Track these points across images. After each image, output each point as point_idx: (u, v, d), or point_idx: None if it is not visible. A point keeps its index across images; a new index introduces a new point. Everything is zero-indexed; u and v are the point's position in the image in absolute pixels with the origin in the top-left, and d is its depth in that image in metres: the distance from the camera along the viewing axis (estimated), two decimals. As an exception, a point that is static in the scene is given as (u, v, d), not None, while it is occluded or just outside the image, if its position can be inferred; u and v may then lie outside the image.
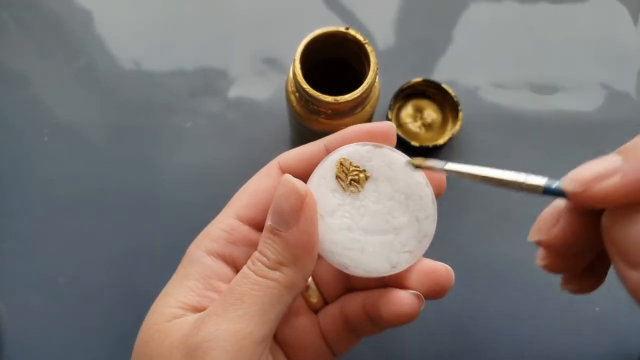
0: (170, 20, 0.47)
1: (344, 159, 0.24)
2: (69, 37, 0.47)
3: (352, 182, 0.24)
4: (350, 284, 0.27)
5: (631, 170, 0.16)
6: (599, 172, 0.17)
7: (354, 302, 0.26)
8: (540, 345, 0.40)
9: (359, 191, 0.24)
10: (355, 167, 0.24)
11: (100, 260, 0.42)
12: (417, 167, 0.24)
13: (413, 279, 0.24)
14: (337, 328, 0.27)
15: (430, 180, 0.24)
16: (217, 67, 0.46)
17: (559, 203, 0.20)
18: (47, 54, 0.47)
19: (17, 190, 0.43)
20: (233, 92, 0.46)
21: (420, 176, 0.24)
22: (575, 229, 0.19)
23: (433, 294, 0.24)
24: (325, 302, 0.28)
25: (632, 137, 0.41)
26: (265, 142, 0.44)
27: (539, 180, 0.19)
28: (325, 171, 0.24)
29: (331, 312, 0.27)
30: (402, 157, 0.24)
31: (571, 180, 0.17)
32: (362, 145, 0.24)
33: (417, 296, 0.24)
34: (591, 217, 0.18)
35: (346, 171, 0.24)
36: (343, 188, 0.24)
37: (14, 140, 0.44)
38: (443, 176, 0.25)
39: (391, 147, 0.24)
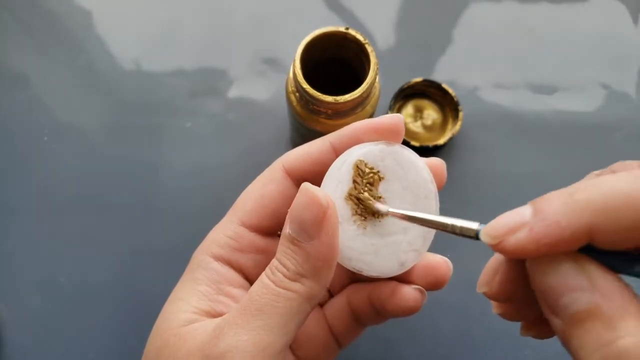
0: (170, 20, 0.47)
1: (360, 161, 0.24)
2: (69, 37, 0.47)
3: (368, 185, 0.24)
4: (354, 276, 0.27)
5: (537, 224, 0.17)
6: (510, 225, 0.17)
7: (360, 294, 0.26)
8: (541, 345, 0.40)
9: (373, 194, 0.24)
10: (370, 169, 0.24)
11: (100, 260, 0.42)
12: (364, 207, 0.24)
13: (415, 272, 0.25)
14: (344, 319, 0.27)
15: (433, 173, 0.24)
16: (217, 67, 0.46)
17: (498, 254, 0.20)
18: (47, 54, 0.47)
19: (17, 190, 0.43)
20: (233, 92, 0.46)
21: (426, 173, 0.24)
22: (512, 280, 0.20)
23: (434, 286, 0.25)
24: (330, 294, 0.28)
25: (632, 137, 0.41)
26: (266, 142, 0.44)
27: (472, 226, 0.19)
28: (343, 175, 0.24)
29: (337, 304, 0.27)
30: (412, 155, 0.24)
31: (485, 232, 0.18)
32: (376, 145, 0.24)
33: (421, 291, 0.25)
34: (525, 267, 0.19)
35: (362, 174, 0.24)
36: (359, 192, 0.24)
37: (14, 140, 0.44)
38: (444, 172, 0.25)
39: (402, 145, 0.24)
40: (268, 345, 0.21)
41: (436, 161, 0.25)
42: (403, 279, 0.25)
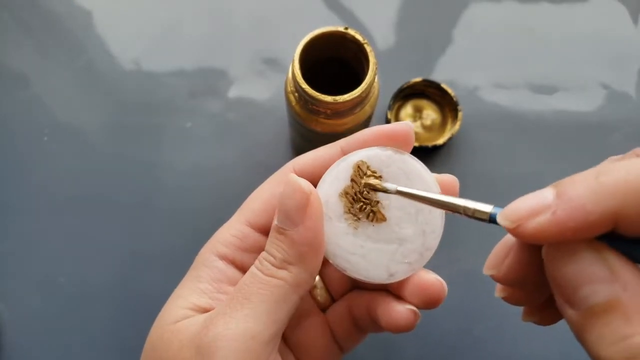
0: (170, 20, 0.47)
1: (362, 162, 0.24)
2: (69, 37, 0.47)
3: (367, 186, 0.24)
4: (355, 282, 0.27)
5: (562, 208, 0.16)
6: (531, 208, 0.16)
7: (360, 302, 0.26)
8: (541, 345, 0.40)
9: (371, 198, 0.24)
10: (372, 172, 0.23)
11: (101, 261, 0.42)
12: (372, 188, 0.23)
13: (408, 290, 0.25)
14: (346, 326, 0.27)
15: (444, 191, 0.24)
16: (217, 67, 0.46)
17: (510, 236, 0.19)
18: (47, 54, 0.47)
19: (17, 190, 0.43)
20: (233, 92, 0.46)
21: (435, 188, 0.24)
22: (523, 264, 0.19)
23: (427, 305, 0.25)
24: (332, 300, 0.28)
25: (632, 137, 0.41)
26: (266, 142, 0.44)
27: (486, 208, 0.19)
28: (340, 172, 0.24)
29: (339, 310, 0.27)
30: (421, 168, 0.24)
31: (504, 215, 0.17)
32: (383, 150, 0.24)
33: (413, 312, 0.24)
34: (538, 251, 0.18)
35: (362, 175, 0.23)
36: (355, 192, 0.24)
37: (14, 140, 0.44)
38: (456, 190, 0.25)
39: (411, 155, 0.24)
40: (256, 333, 0.21)
41: (449, 178, 0.25)
42: (396, 294, 0.25)
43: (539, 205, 0.16)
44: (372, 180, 0.23)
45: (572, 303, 0.16)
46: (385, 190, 0.23)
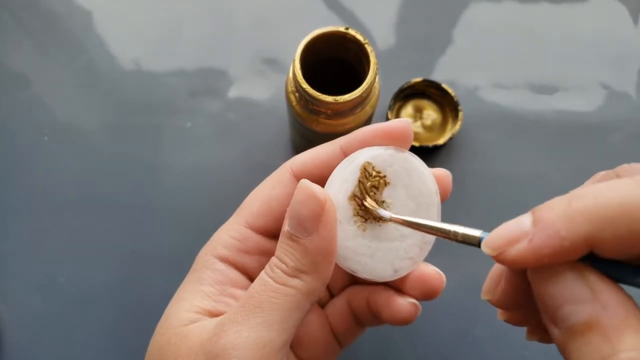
0: (170, 20, 0.47)
1: (368, 163, 0.24)
2: (68, 37, 0.47)
3: (373, 188, 0.24)
4: (354, 277, 0.28)
5: (537, 234, 0.16)
6: (510, 235, 0.17)
7: (359, 297, 0.26)
8: (541, 346, 0.40)
9: (377, 198, 0.24)
10: (377, 172, 0.24)
11: (101, 261, 0.42)
12: (367, 211, 0.24)
13: (409, 282, 0.25)
14: (344, 320, 0.27)
15: (438, 183, 0.24)
16: (217, 67, 0.46)
17: None
18: (47, 54, 0.47)
19: (17, 190, 0.43)
20: (233, 92, 0.46)
21: (432, 184, 0.24)
22: (515, 288, 0.20)
23: (426, 297, 0.25)
24: (331, 295, 0.28)
25: (632, 137, 0.41)
26: (266, 142, 0.44)
27: (475, 233, 0.19)
28: (349, 175, 0.24)
29: (338, 306, 0.27)
30: (421, 165, 0.24)
31: (486, 244, 0.18)
32: (385, 149, 0.24)
33: (414, 305, 0.25)
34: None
35: (368, 176, 0.24)
36: (363, 197, 0.24)
37: (14, 140, 0.44)
38: (449, 183, 0.25)
39: (411, 153, 0.24)
40: (268, 342, 0.21)
41: (442, 172, 0.25)
42: (397, 287, 0.25)
43: (517, 233, 0.17)
44: (369, 203, 0.24)
45: (555, 322, 0.17)
46: (381, 217, 0.23)
